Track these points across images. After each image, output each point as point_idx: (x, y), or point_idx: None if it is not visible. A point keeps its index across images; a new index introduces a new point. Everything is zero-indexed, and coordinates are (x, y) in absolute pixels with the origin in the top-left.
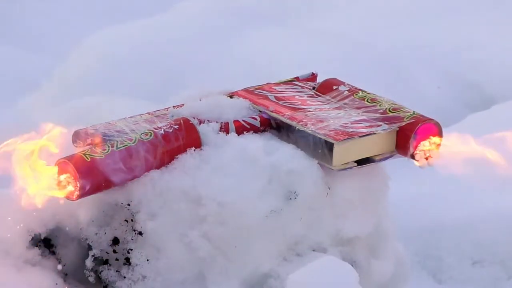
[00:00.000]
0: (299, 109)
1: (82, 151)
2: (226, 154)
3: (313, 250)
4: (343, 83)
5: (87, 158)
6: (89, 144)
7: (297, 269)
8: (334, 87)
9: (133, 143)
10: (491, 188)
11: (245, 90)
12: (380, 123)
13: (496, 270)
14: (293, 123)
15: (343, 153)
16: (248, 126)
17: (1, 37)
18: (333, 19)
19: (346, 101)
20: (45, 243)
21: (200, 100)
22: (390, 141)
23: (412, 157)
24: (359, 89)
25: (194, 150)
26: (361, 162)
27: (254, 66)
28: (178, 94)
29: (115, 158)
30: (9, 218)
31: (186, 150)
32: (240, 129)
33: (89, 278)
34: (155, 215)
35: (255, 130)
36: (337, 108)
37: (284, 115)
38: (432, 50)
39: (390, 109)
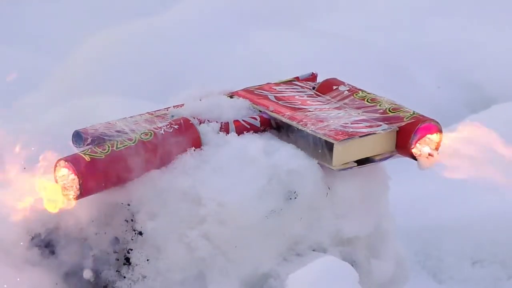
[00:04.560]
0: (299, 109)
1: (82, 151)
2: (226, 154)
3: (313, 250)
4: (343, 83)
5: (87, 158)
6: (89, 144)
7: (297, 269)
8: (334, 87)
9: (133, 143)
10: (491, 188)
11: (245, 90)
12: (380, 123)
13: (496, 270)
14: (293, 123)
15: (343, 153)
16: (248, 126)
17: (1, 37)
18: (333, 19)
19: (346, 101)
20: (45, 243)
21: (200, 100)
22: (390, 141)
23: (412, 157)
24: (359, 89)
25: (194, 150)
26: (361, 162)
27: (254, 66)
28: (178, 94)
29: (115, 158)
30: (9, 218)
31: (186, 150)
32: (240, 129)
33: (89, 278)
34: (155, 215)
35: (255, 130)
36: (337, 108)
37: (284, 115)
38: (432, 50)
39: (390, 109)
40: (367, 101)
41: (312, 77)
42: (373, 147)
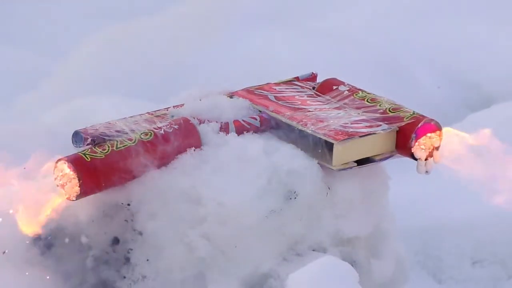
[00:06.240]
0: (299, 109)
1: (82, 151)
2: (226, 154)
3: (313, 250)
4: (343, 83)
5: (87, 158)
6: (89, 144)
7: (297, 269)
8: (334, 87)
9: (133, 143)
10: (491, 188)
11: (245, 90)
12: (380, 123)
13: (496, 270)
14: (293, 123)
15: (343, 153)
16: (248, 126)
17: (1, 37)
18: (333, 19)
19: (346, 101)
20: (45, 243)
21: (200, 100)
22: (390, 141)
23: (412, 157)
24: (359, 89)
25: (194, 150)
26: (361, 162)
27: (254, 66)
28: (178, 94)
29: (115, 158)
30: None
31: (186, 150)
32: (240, 129)
33: (89, 278)
34: (155, 215)
35: (255, 130)
36: (337, 108)
37: (284, 115)
38: (432, 50)
39: (390, 109)
40: (367, 101)
41: (312, 77)
42: (373, 147)
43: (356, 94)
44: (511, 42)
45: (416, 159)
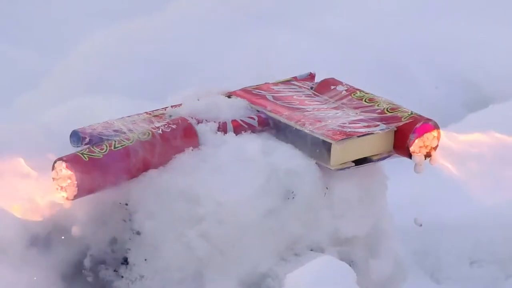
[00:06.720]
0: (297, 109)
1: (80, 150)
2: (224, 154)
3: (311, 250)
4: (341, 83)
5: (85, 158)
6: (87, 144)
7: (295, 269)
8: (332, 87)
9: (131, 142)
10: (489, 187)
11: (243, 89)
12: (378, 123)
13: (494, 270)
14: (291, 123)
15: (341, 153)
16: (246, 126)
17: (0, 35)
18: (332, 19)
19: (344, 101)
20: (43, 243)
21: (198, 99)
22: (388, 141)
23: (410, 157)
24: (357, 89)
25: (192, 150)
26: (359, 162)
27: (252, 66)
28: (176, 93)
29: (113, 158)
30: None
31: (184, 150)
32: (238, 129)
33: (87, 278)
34: (153, 215)
35: (253, 130)
36: (335, 108)
37: (282, 115)
38: (431, 50)
39: (388, 109)
40: (365, 101)
41: (310, 77)
42: (371, 147)
43: (354, 94)
44: (511, 42)
45: (414, 160)
